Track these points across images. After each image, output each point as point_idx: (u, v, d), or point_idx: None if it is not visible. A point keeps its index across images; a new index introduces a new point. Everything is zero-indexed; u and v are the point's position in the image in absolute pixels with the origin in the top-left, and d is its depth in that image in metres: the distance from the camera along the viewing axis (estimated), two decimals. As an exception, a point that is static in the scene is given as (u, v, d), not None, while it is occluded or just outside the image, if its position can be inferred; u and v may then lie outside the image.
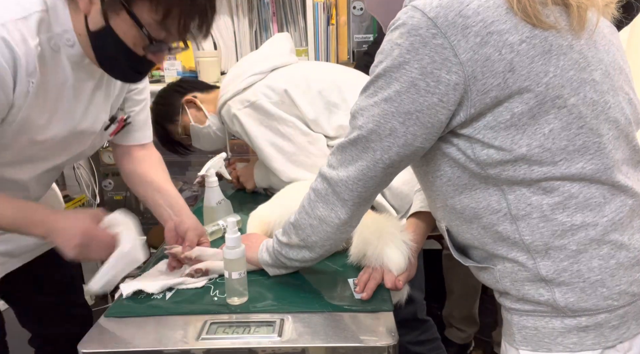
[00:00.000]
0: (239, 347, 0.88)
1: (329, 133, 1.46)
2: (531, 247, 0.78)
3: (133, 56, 0.97)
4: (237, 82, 1.51)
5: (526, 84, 0.71)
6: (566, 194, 0.75)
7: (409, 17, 0.73)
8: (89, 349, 0.88)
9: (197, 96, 1.65)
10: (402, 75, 0.74)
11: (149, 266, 1.17)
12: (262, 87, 1.48)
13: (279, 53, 1.59)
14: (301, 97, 1.45)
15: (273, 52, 1.60)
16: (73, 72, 1.02)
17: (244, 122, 1.47)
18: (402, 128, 0.77)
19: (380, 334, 0.89)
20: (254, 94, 1.47)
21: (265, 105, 1.45)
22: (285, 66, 1.56)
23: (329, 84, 1.48)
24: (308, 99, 1.46)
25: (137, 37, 0.94)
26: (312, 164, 1.44)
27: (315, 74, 1.52)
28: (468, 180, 0.80)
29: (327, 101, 1.46)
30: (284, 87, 1.46)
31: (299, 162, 1.45)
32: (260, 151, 1.48)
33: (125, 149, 1.31)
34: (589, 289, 0.76)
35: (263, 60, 1.55)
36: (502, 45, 0.70)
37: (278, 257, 1.04)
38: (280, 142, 1.46)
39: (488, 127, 0.74)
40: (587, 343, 0.77)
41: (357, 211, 0.91)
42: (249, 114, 1.47)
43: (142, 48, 0.97)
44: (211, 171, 1.43)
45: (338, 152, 0.87)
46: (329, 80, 1.50)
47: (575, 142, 0.73)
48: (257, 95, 1.46)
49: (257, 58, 1.58)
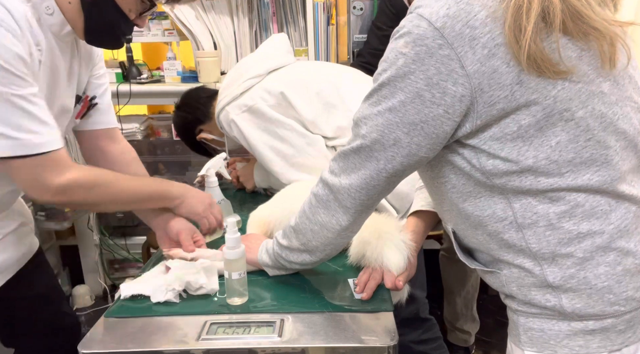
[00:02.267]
0: (239, 347, 0.88)
1: (327, 134, 1.46)
2: (538, 254, 0.77)
3: (126, 21, 0.98)
4: (234, 88, 1.51)
5: (534, 97, 0.70)
6: (572, 203, 0.75)
7: (414, 26, 0.71)
8: (89, 350, 0.88)
9: (203, 129, 1.68)
10: (407, 86, 0.73)
11: (149, 266, 1.17)
12: (259, 90, 1.48)
13: (276, 55, 1.59)
14: (298, 99, 1.45)
15: (269, 53, 1.59)
16: (56, 44, 1.01)
17: (242, 127, 1.47)
18: (407, 138, 0.76)
19: (380, 335, 0.89)
20: (251, 98, 1.47)
21: (263, 108, 1.45)
22: (282, 67, 1.55)
23: (327, 85, 1.48)
24: (305, 100, 1.45)
25: (133, 1, 0.95)
26: (312, 165, 1.44)
27: (313, 75, 1.52)
28: (473, 188, 0.79)
29: (326, 101, 1.46)
30: (280, 89, 1.45)
31: (299, 165, 1.45)
32: (259, 154, 1.48)
33: (95, 142, 1.27)
34: (595, 296, 0.76)
35: (260, 62, 1.55)
36: (510, 58, 0.69)
37: (278, 259, 1.04)
38: (278, 145, 1.45)
39: (494, 138, 0.73)
40: (593, 346, 0.77)
41: (359, 217, 0.90)
42: (246, 119, 1.47)
43: (135, 13, 0.98)
44: (211, 171, 1.43)
45: (340, 159, 0.86)
46: (326, 80, 1.50)
47: (583, 155, 0.73)
48: (255, 99, 1.46)
49: (254, 60, 1.58)
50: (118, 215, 2.57)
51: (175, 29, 2.42)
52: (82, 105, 1.19)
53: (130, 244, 2.65)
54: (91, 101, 1.21)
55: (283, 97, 1.45)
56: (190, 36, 2.38)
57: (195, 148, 1.78)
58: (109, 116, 1.29)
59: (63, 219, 2.40)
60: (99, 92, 1.24)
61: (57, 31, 1.00)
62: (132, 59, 2.43)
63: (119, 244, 2.65)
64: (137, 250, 2.55)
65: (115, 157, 1.28)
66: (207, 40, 2.39)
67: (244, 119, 1.47)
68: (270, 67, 1.53)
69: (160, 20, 2.44)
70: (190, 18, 2.35)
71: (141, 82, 2.37)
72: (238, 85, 1.50)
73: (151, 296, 1.01)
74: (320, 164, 1.42)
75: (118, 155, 1.29)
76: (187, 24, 2.35)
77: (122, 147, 1.31)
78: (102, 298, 2.69)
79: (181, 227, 1.19)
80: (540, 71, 0.68)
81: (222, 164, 1.55)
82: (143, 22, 1.06)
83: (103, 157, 1.28)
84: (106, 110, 1.27)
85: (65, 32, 1.01)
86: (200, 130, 1.68)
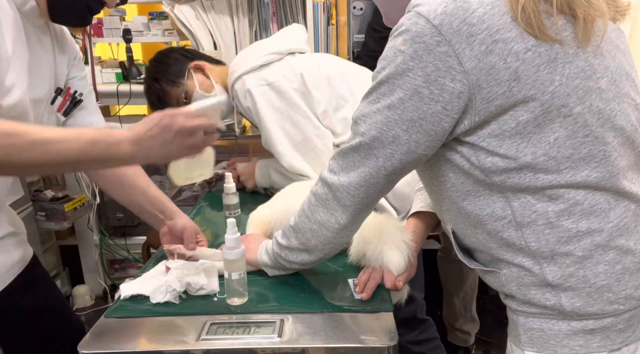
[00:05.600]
0: (239, 348, 0.88)
1: (335, 128, 1.46)
2: (537, 253, 0.78)
3: None
4: (253, 59, 1.49)
5: (532, 93, 0.70)
6: (571, 201, 0.75)
7: (412, 24, 0.72)
8: (89, 350, 0.88)
9: (205, 65, 1.61)
10: (406, 83, 0.73)
11: (149, 266, 1.17)
12: (281, 68, 1.47)
13: (296, 39, 1.58)
14: (314, 86, 1.45)
15: (289, 37, 1.59)
16: (21, 22, 0.99)
17: (258, 99, 1.45)
18: (405, 136, 0.77)
19: (380, 335, 0.89)
20: (273, 74, 1.46)
21: (284, 88, 1.44)
22: (301, 53, 1.55)
23: (340, 77, 1.49)
24: (319, 89, 1.46)
25: None
26: (315, 157, 1.44)
27: (328, 66, 1.53)
28: (472, 186, 0.79)
29: (337, 92, 1.47)
30: (301, 71, 1.46)
31: (303, 152, 1.45)
32: (266, 131, 1.46)
33: None
34: (595, 294, 0.76)
35: (280, 42, 1.55)
36: (508, 54, 0.69)
37: (277, 259, 1.04)
38: (289, 128, 1.45)
39: (493, 135, 0.74)
40: (593, 345, 0.77)
41: (358, 216, 0.90)
42: (265, 93, 1.45)
43: None
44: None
45: (339, 158, 0.86)
46: (340, 73, 1.50)
47: (581, 151, 0.73)
48: (277, 76, 1.45)
49: (271, 41, 1.57)
50: (118, 215, 2.57)
51: (175, 29, 2.43)
52: (63, 97, 1.16)
53: (130, 244, 2.65)
54: (74, 95, 1.18)
55: (303, 81, 1.45)
56: (190, 36, 2.38)
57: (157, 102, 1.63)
58: (97, 115, 1.27)
59: (63, 219, 2.40)
60: (84, 92, 1.22)
61: (20, 3, 0.98)
62: (132, 59, 2.43)
63: (119, 244, 2.65)
64: (137, 250, 2.54)
65: None
66: (207, 40, 2.39)
67: (262, 93, 1.45)
68: (290, 48, 1.53)
69: (160, 20, 2.44)
70: (190, 18, 2.35)
71: (141, 82, 2.36)
72: (258, 58, 1.49)
73: (151, 297, 1.01)
74: (323, 159, 1.43)
75: None
76: (187, 24, 2.35)
77: None
78: (102, 298, 2.69)
79: (186, 224, 1.19)
80: (532, 28, 0.69)
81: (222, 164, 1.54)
82: (111, 0, 1.03)
83: None
84: (94, 110, 1.26)
85: (28, 7, 0.99)
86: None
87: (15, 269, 1.20)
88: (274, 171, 1.55)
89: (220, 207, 1.47)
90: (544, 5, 0.70)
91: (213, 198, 1.68)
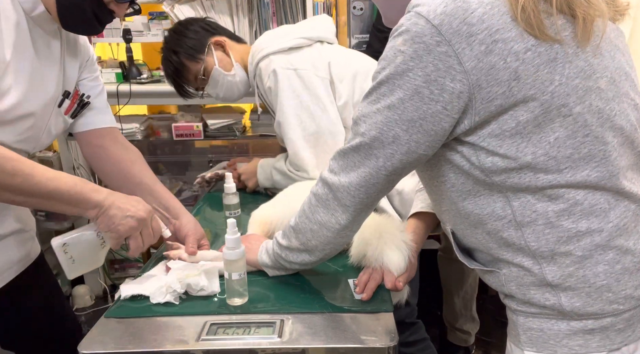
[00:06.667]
0: (239, 348, 0.88)
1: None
2: (537, 253, 0.78)
3: (99, 3, 0.96)
4: (283, 41, 1.48)
5: (531, 93, 0.70)
6: (571, 201, 0.75)
7: (412, 24, 0.72)
8: (89, 350, 0.88)
9: (226, 42, 1.59)
10: (406, 83, 0.73)
11: (149, 266, 1.17)
12: (310, 55, 1.47)
13: (325, 29, 1.58)
14: (339, 77, 1.45)
15: (319, 26, 1.58)
16: (27, 25, 0.99)
17: (281, 82, 1.44)
18: (406, 136, 0.77)
19: (380, 335, 0.89)
20: (301, 60, 1.46)
21: (311, 77, 1.44)
22: (329, 44, 1.55)
23: (365, 74, 1.49)
24: (344, 81, 1.46)
25: None
26: (323, 152, 1.44)
27: (356, 61, 1.53)
28: (472, 186, 0.80)
29: (360, 87, 1.47)
30: (329, 59, 1.46)
31: (312, 144, 1.45)
32: (282, 114, 1.46)
33: (96, 141, 1.24)
34: (594, 294, 0.76)
35: (310, 29, 1.54)
36: (507, 54, 0.69)
37: (278, 259, 1.04)
38: (305, 118, 1.44)
39: (493, 135, 0.74)
40: (593, 345, 0.77)
41: (358, 216, 0.90)
42: (289, 77, 1.44)
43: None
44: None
45: (340, 158, 0.87)
46: (367, 69, 1.51)
47: (581, 151, 0.73)
48: (305, 64, 1.45)
49: (303, 26, 1.57)
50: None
51: (175, 29, 2.42)
52: (71, 100, 1.16)
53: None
54: (82, 98, 1.19)
55: (329, 70, 1.45)
56: (190, 36, 2.37)
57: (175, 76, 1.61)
58: (107, 115, 1.27)
59: (63, 219, 2.40)
60: (94, 92, 1.23)
61: (29, 9, 0.98)
62: (132, 59, 2.43)
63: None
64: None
65: (118, 156, 1.25)
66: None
67: (287, 76, 1.44)
68: (320, 36, 1.52)
69: (160, 20, 2.44)
70: (190, 18, 2.35)
71: (141, 82, 2.37)
72: (288, 40, 1.48)
73: (151, 297, 1.01)
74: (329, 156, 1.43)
75: (122, 153, 1.26)
76: (187, 24, 2.34)
77: (125, 146, 1.28)
78: (102, 298, 2.69)
79: (191, 229, 1.18)
80: (531, 28, 0.69)
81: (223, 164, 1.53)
82: (120, 9, 1.02)
83: (106, 156, 1.25)
84: (104, 110, 1.26)
85: (38, 13, 0.99)
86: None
87: (16, 267, 1.21)
88: (276, 171, 1.55)
89: (220, 207, 1.47)
90: (543, 5, 0.71)
91: (213, 198, 1.68)
